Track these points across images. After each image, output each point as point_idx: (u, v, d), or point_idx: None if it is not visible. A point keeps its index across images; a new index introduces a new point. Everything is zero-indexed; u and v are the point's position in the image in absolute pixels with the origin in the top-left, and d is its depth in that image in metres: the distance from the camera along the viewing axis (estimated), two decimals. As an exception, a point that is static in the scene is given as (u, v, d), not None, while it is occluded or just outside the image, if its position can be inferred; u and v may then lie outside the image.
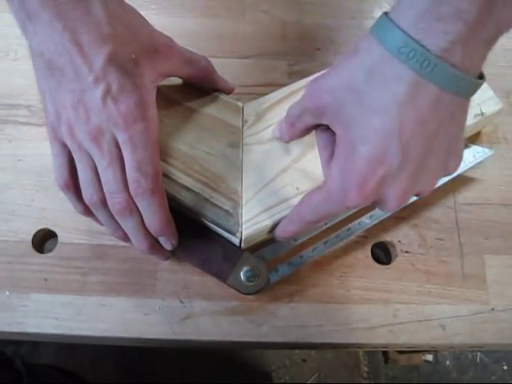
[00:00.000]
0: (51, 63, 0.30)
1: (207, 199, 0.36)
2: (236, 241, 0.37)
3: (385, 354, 0.95)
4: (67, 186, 0.33)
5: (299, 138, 0.35)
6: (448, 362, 1.02)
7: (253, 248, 0.38)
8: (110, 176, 0.31)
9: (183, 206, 0.36)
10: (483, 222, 0.42)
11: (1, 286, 0.38)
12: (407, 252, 0.41)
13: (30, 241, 0.39)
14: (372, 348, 0.40)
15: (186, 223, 0.36)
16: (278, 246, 0.38)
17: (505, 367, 1.03)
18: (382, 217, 0.40)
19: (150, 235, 0.34)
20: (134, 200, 0.32)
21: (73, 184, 0.33)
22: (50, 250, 0.39)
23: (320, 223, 0.35)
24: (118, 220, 0.33)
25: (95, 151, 0.31)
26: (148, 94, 0.32)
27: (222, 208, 0.36)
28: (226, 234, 0.37)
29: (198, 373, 0.86)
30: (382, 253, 0.42)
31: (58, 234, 0.40)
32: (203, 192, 0.37)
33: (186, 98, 0.40)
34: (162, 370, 0.85)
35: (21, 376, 0.53)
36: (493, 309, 0.39)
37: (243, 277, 0.36)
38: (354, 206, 0.28)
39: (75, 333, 0.37)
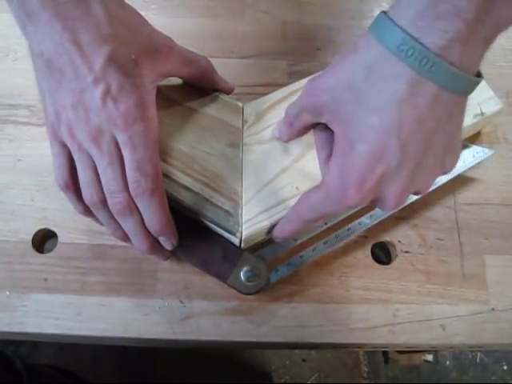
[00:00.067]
0: (51, 63, 0.30)
1: (207, 199, 0.36)
2: (236, 241, 0.37)
3: (385, 354, 0.95)
4: (67, 186, 0.33)
5: (297, 137, 0.35)
6: (448, 362, 1.02)
7: (253, 248, 0.38)
8: (109, 176, 0.31)
9: (183, 205, 0.36)
10: (483, 222, 0.42)
11: (1, 286, 0.38)
12: (407, 252, 0.41)
13: (30, 241, 0.39)
14: (372, 348, 0.40)
15: (186, 223, 0.36)
16: (278, 246, 0.38)
17: (505, 367, 1.03)
18: (382, 217, 0.40)
19: (150, 235, 0.34)
20: (134, 200, 0.32)
21: (73, 184, 0.33)
22: (50, 250, 0.39)
23: (318, 223, 0.35)
24: (118, 220, 0.33)
25: (95, 151, 0.31)
26: (148, 94, 0.32)
27: (222, 208, 0.36)
28: (226, 234, 0.37)
29: (197, 373, 0.86)
30: (382, 253, 0.42)
31: (58, 234, 0.40)
32: (203, 192, 0.37)
33: (186, 97, 0.40)
34: (162, 370, 0.85)
35: (21, 376, 0.53)
36: (493, 309, 0.39)
37: (243, 277, 0.36)
38: (353, 204, 0.28)
39: (75, 333, 0.37)
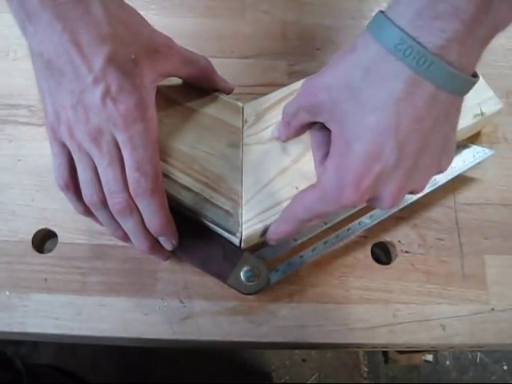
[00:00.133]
0: (51, 63, 0.30)
1: (207, 199, 0.36)
2: (236, 241, 0.37)
3: (385, 354, 0.95)
4: (67, 186, 0.33)
5: (295, 136, 0.35)
6: (448, 362, 1.02)
7: (253, 248, 0.38)
8: (109, 176, 0.31)
9: (183, 205, 0.36)
10: (483, 222, 0.42)
11: (1, 286, 0.38)
12: (407, 252, 0.41)
13: (30, 241, 0.39)
14: (372, 348, 0.40)
15: (186, 223, 0.36)
16: (278, 246, 0.38)
17: (505, 367, 1.03)
18: (382, 217, 0.40)
19: (150, 235, 0.34)
20: (134, 200, 0.32)
21: (73, 184, 0.33)
22: (50, 250, 0.39)
23: (313, 223, 0.35)
24: (118, 220, 0.33)
25: (95, 151, 0.31)
26: (147, 94, 0.32)
27: (222, 208, 0.36)
28: (226, 234, 0.37)
29: (197, 373, 0.86)
30: (382, 253, 0.42)
31: (58, 234, 0.40)
32: (203, 192, 0.37)
33: (186, 97, 0.40)
34: (162, 370, 0.85)
35: (21, 376, 0.53)
36: (493, 309, 0.39)
37: (243, 277, 0.36)
38: (350, 204, 0.28)
39: (75, 333, 0.37)
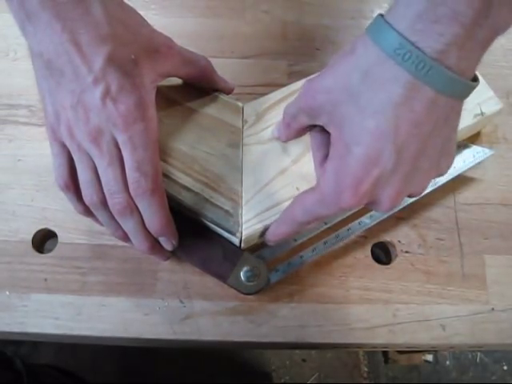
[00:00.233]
0: (50, 63, 0.30)
1: (207, 199, 0.36)
2: (236, 241, 0.37)
3: (385, 354, 0.95)
4: (67, 186, 0.33)
5: (295, 137, 0.35)
6: (448, 362, 1.02)
7: (253, 248, 0.38)
8: (110, 176, 0.31)
9: (183, 206, 0.36)
10: (483, 222, 0.42)
11: (1, 286, 0.38)
12: (407, 252, 0.41)
13: (30, 241, 0.39)
14: (372, 348, 0.40)
15: (186, 223, 0.36)
16: (278, 246, 0.38)
17: (505, 367, 1.03)
18: (382, 217, 0.40)
19: (150, 235, 0.34)
20: (134, 200, 0.32)
21: (73, 184, 0.33)
22: (50, 250, 0.39)
23: (311, 225, 0.35)
24: (119, 220, 0.33)
25: (95, 151, 0.31)
26: (147, 94, 0.32)
27: (222, 208, 0.36)
28: (226, 234, 0.37)
29: (198, 373, 0.86)
30: (382, 253, 0.42)
31: (58, 234, 0.40)
32: (203, 192, 0.37)
33: (186, 97, 0.40)
34: (162, 370, 0.85)
35: (21, 376, 0.53)
36: (493, 309, 0.39)
37: (243, 277, 0.36)
38: (348, 207, 0.28)
39: (75, 333, 0.37)
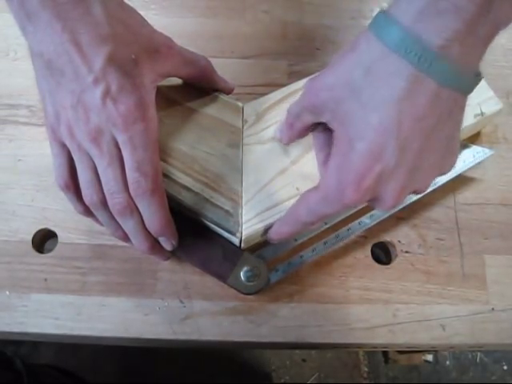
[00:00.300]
0: (51, 63, 0.30)
1: (207, 199, 0.36)
2: (236, 241, 0.37)
3: (385, 354, 0.95)
4: (67, 186, 0.33)
5: (298, 138, 0.35)
6: (448, 362, 1.02)
7: (253, 248, 0.38)
8: (109, 176, 0.31)
9: (183, 206, 0.36)
10: (483, 222, 0.42)
11: (1, 286, 0.38)
12: (407, 252, 0.41)
13: (30, 241, 0.39)
14: (372, 348, 0.40)
15: (186, 223, 0.36)
16: (278, 246, 0.38)
17: (505, 367, 1.03)
18: (382, 217, 0.40)
19: (150, 235, 0.34)
20: (134, 200, 0.32)
21: (73, 184, 0.33)
22: (50, 250, 0.39)
23: (315, 225, 0.35)
24: (119, 220, 0.33)
25: (95, 151, 0.31)
26: (148, 94, 0.32)
27: (222, 208, 0.36)
28: (226, 234, 0.37)
29: (198, 373, 0.86)
30: (382, 253, 0.42)
31: (58, 234, 0.40)
32: (203, 192, 0.37)
33: (186, 97, 0.40)
34: (162, 370, 0.85)
35: (21, 376, 0.53)
36: (493, 309, 0.39)
37: (243, 277, 0.36)
38: (351, 203, 0.28)
39: (75, 333, 0.37)
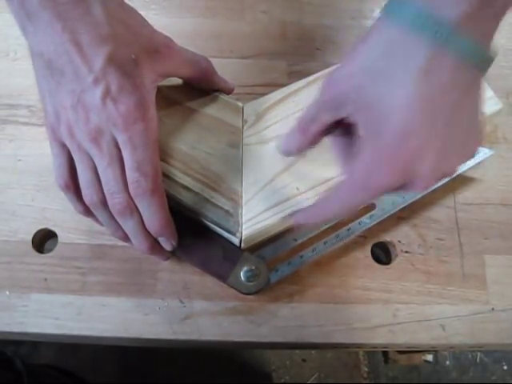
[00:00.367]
0: (51, 63, 0.30)
1: (207, 199, 0.36)
2: (236, 241, 0.37)
3: (385, 354, 0.95)
4: (67, 186, 0.33)
5: (310, 146, 0.32)
6: (448, 362, 1.02)
7: (253, 248, 0.38)
8: (109, 176, 0.31)
9: (183, 205, 0.36)
10: (483, 222, 0.42)
11: (1, 286, 0.38)
12: (407, 252, 0.41)
13: (30, 241, 0.39)
14: (372, 348, 0.40)
15: (185, 223, 0.36)
16: (278, 246, 0.38)
17: (505, 367, 1.03)
18: (382, 217, 0.40)
19: (150, 235, 0.34)
20: (134, 200, 0.32)
21: (73, 184, 0.33)
22: (50, 250, 0.39)
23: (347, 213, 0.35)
24: (119, 220, 0.33)
25: (95, 151, 0.31)
26: (148, 94, 0.32)
27: (222, 208, 0.36)
28: (226, 234, 0.37)
29: (198, 373, 0.86)
30: (382, 253, 0.42)
31: (58, 234, 0.40)
32: (203, 192, 0.37)
33: (186, 97, 0.40)
34: (162, 370, 0.85)
35: (21, 376, 0.53)
36: (493, 309, 0.39)
37: (243, 277, 0.36)
38: (386, 186, 0.28)
39: (75, 333, 0.37)
